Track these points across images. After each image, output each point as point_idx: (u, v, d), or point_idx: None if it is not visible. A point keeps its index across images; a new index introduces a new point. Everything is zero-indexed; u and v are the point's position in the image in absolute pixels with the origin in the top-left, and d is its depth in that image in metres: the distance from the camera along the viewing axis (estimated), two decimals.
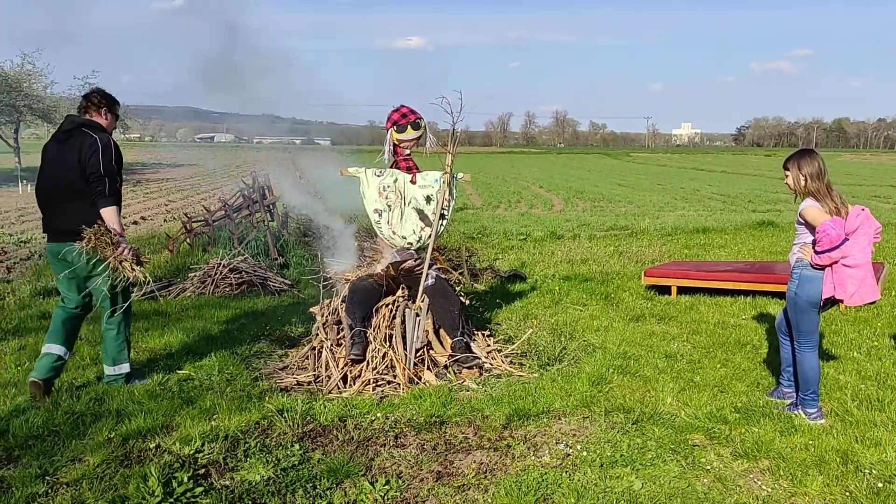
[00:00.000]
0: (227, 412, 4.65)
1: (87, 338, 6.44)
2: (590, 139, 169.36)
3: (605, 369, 5.50)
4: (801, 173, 4.56)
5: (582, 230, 14.79)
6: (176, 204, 20.18)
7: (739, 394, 5.07)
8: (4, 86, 30.90)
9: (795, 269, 4.65)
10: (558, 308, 7.71)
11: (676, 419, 4.59)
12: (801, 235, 4.65)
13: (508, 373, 5.56)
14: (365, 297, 5.74)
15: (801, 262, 4.60)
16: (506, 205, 22.42)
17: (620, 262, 10.79)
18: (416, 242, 6.12)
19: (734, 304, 7.89)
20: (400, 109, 6.20)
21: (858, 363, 5.78)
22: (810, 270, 4.54)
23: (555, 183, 34.32)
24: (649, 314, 7.45)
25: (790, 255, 4.76)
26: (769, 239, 13.24)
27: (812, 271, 4.53)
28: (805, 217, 4.54)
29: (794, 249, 4.71)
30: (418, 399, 4.92)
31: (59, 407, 4.74)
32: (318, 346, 5.73)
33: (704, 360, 5.89)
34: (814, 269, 4.51)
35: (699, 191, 29.28)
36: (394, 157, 6.24)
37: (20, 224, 15.05)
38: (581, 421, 4.58)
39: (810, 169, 4.53)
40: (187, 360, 5.78)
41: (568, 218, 17.71)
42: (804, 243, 4.60)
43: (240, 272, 8.77)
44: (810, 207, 4.50)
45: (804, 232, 4.62)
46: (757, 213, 18.75)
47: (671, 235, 13.95)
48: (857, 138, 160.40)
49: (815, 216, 4.46)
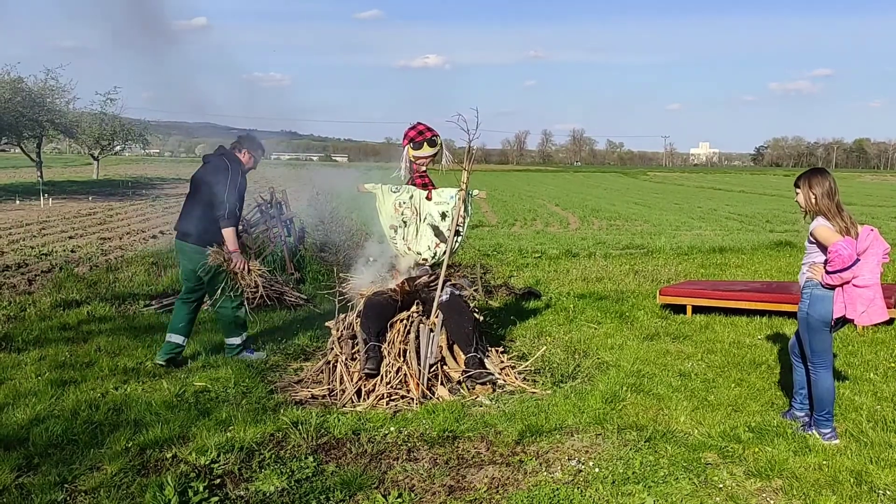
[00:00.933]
0: (243, 424, 4.70)
1: (106, 349, 6.53)
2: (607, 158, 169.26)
3: (618, 387, 5.51)
4: (812, 192, 4.57)
5: (598, 248, 14.78)
6: None
7: (753, 413, 5.06)
8: (28, 101, 31.43)
9: (806, 288, 4.66)
10: (573, 326, 7.72)
11: (690, 437, 4.58)
12: (811, 254, 4.65)
13: (521, 389, 5.58)
14: (380, 312, 5.80)
15: (812, 282, 4.60)
16: (521, 222, 22.45)
17: (636, 280, 10.78)
18: (431, 258, 6.17)
19: (750, 324, 7.87)
20: (416, 126, 6.29)
21: (875, 384, 5.74)
22: (821, 290, 4.54)
23: (571, 201, 34.33)
24: (664, 333, 7.45)
25: (800, 274, 4.77)
26: (786, 259, 13.16)
27: (822, 290, 4.53)
28: (816, 236, 4.55)
29: (803, 269, 4.72)
30: (431, 414, 4.95)
31: (78, 416, 4.82)
32: (333, 360, 5.78)
33: (719, 379, 5.87)
34: (824, 288, 4.51)
35: (716, 210, 29.15)
36: (410, 173, 6.31)
37: (41, 237, 15.28)
38: (594, 438, 4.59)
39: (821, 188, 4.54)
40: (204, 373, 5.85)
41: (584, 236, 17.70)
42: (814, 262, 4.60)
43: (256, 286, 8.83)
44: (821, 227, 4.51)
45: (814, 251, 4.63)
46: (775, 234, 18.64)
47: (687, 255, 13.91)
48: (878, 159, 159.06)
49: (827, 236, 4.46)
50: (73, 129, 37.52)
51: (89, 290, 9.22)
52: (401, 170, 6.38)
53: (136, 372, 5.89)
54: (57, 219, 19.40)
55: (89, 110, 41.76)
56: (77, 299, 8.65)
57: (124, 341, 6.80)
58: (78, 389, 5.39)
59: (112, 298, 8.75)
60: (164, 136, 52.57)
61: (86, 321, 7.63)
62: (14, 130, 32.45)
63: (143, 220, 20.17)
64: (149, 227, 18.05)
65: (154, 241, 15.04)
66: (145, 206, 25.19)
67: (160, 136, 48.75)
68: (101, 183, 40.39)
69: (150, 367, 6.01)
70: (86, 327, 7.37)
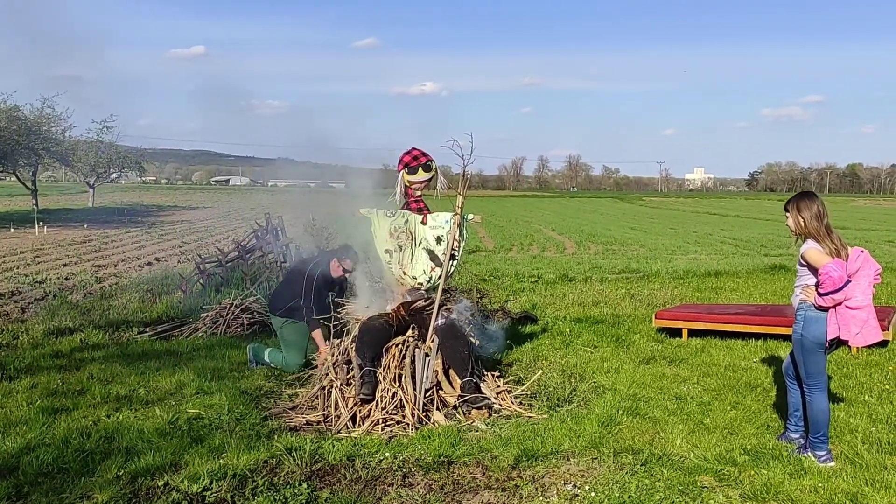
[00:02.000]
0: (236, 451, 4.66)
1: (99, 376, 6.49)
2: (603, 183, 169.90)
3: (614, 411, 5.48)
4: (801, 215, 4.60)
5: (594, 273, 14.79)
6: (190, 245, 20.38)
7: (749, 436, 5.04)
8: (24, 129, 31.52)
9: (799, 310, 4.67)
10: (569, 350, 7.70)
11: (686, 461, 4.56)
12: (803, 277, 4.68)
13: (518, 413, 5.56)
14: (375, 336, 5.78)
15: (805, 304, 4.62)
16: (518, 247, 22.47)
17: (632, 304, 10.78)
18: (427, 283, 6.17)
19: (745, 347, 7.86)
20: (411, 152, 6.33)
21: (870, 406, 5.73)
22: (814, 311, 4.56)
23: (567, 226, 34.40)
24: (660, 356, 7.43)
25: (793, 297, 4.79)
26: (780, 282, 13.19)
27: (816, 312, 4.55)
28: (807, 259, 4.57)
29: (796, 291, 4.74)
30: (427, 439, 4.91)
31: (70, 444, 4.77)
32: (328, 385, 5.75)
33: (715, 402, 5.85)
34: (817, 310, 4.53)
35: (711, 235, 29.23)
36: (405, 198, 6.33)
37: (35, 265, 15.25)
38: (590, 462, 4.56)
39: (809, 211, 4.58)
40: (198, 399, 5.82)
41: (580, 261, 17.72)
42: (806, 285, 4.63)
43: (251, 312, 8.83)
44: (811, 249, 4.54)
45: (806, 274, 4.65)
46: (769, 258, 18.69)
47: (683, 278, 13.92)
48: (871, 183, 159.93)
49: (817, 258, 4.49)
50: (68, 157, 37.57)
51: (83, 318, 9.18)
52: (396, 195, 6.41)
53: (129, 399, 5.85)
54: (51, 246, 19.37)
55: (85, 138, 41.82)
56: (70, 327, 8.61)
57: (117, 369, 6.75)
58: (69, 417, 5.35)
59: (106, 326, 8.71)
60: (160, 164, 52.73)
61: (79, 348, 7.59)
62: (10, 159, 32.48)
63: (138, 247, 20.15)
64: (144, 254, 18.02)
65: (149, 267, 15.01)
66: (141, 233, 25.16)
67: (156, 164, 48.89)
68: (96, 210, 40.35)
69: (142, 395, 5.97)
70: (78, 355, 7.33)
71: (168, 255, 17.57)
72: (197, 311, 9.32)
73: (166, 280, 12.11)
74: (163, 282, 11.95)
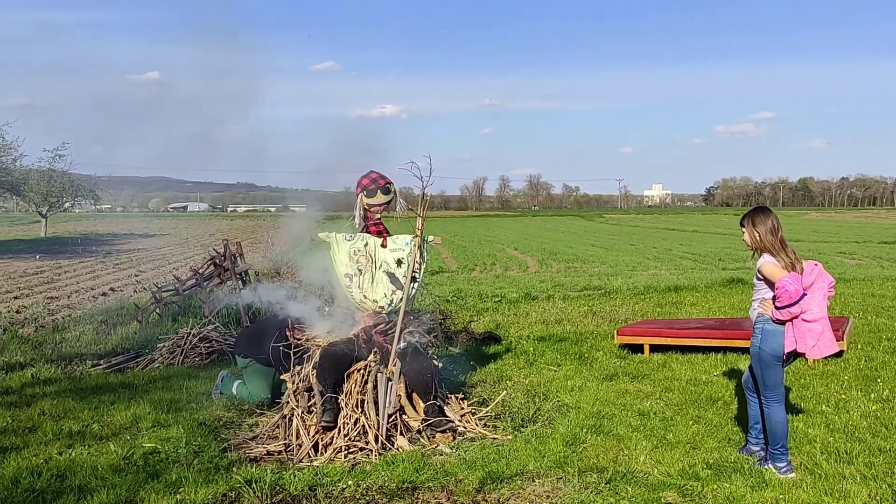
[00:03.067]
0: (194, 485, 4.54)
1: (51, 412, 6.28)
2: (563, 201, 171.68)
3: (578, 429, 5.48)
4: (756, 230, 4.68)
5: (556, 291, 14.87)
6: (147, 274, 19.98)
7: (711, 450, 5.07)
8: None
9: (757, 323, 4.74)
10: (532, 369, 7.70)
11: (650, 477, 4.56)
12: (760, 291, 4.75)
13: (482, 435, 5.52)
14: (336, 362, 5.70)
15: (763, 317, 4.69)
16: (481, 267, 22.52)
17: (594, 321, 10.85)
18: (388, 306, 6.12)
19: (706, 361, 7.94)
20: (370, 175, 6.30)
21: (827, 416, 5.82)
22: (771, 325, 4.63)
23: (529, 245, 34.62)
24: (623, 373, 7.47)
25: (751, 310, 4.86)
26: (738, 296, 13.41)
27: (773, 325, 4.61)
28: (763, 273, 4.65)
29: (754, 305, 4.81)
30: (391, 465, 4.84)
31: (19, 485, 4.60)
32: (289, 413, 5.65)
33: (677, 417, 5.89)
34: (775, 323, 4.60)
35: (671, 250, 29.69)
36: (364, 221, 6.29)
37: None
38: (555, 482, 4.54)
39: (764, 226, 4.66)
40: (154, 433, 5.66)
41: (542, 279, 17.81)
42: (764, 298, 4.70)
43: (210, 341, 8.67)
44: (767, 263, 4.61)
45: (763, 287, 4.73)
46: (727, 271, 19.02)
47: (644, 294, 14.07)
48: (822, 197, 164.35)
49: (773, 272, 4.56)
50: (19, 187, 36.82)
51: (34, 352, 8.90)
52: (355, 218, 6.37)
53: (82, 435, 5.66)
54: (2, 279, 18.83)
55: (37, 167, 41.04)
56: (21, 362, 8.34)
57: (70, 404, 6.54)
58: (19, 456, 5.15)
59: (58, 359, 8.45)
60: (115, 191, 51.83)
61: (30, 384, 7.35)
62: None
63: (92, 277, 19.70)
64: (98, 284, 17.62)
65: (104, 298, 14.66)
66: (95, 262, 24.62)
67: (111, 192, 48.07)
68: (48, 241, 39.46)
69: (96, 430, 5.79)
70: (29, 390, 7.09)
71: (124, 285, 17.19)
72: (153, 342, 9.12)
73: (121, 310, 11.83)
74: (118, 312, 11.67)
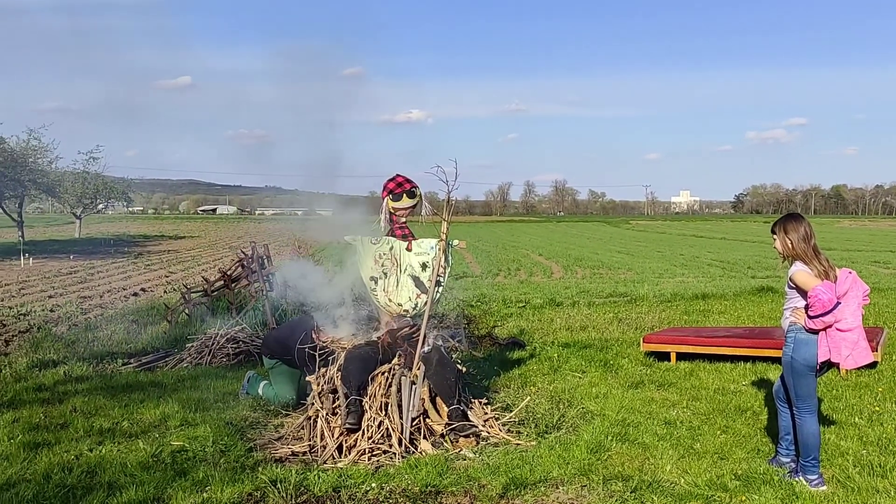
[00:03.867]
0: (220, 484, 4.58)
1: (82, 409, 6.39)
2: (589, 207, 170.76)
3: (603, 437, 5.44)
4: (788, 237, 4.61)
5: (581, 297, 14.79)
6: (176, 275, 20.26)
7: (740, 461, 5.00)
8: (10, 161, 31.44)
9: (789, 333, 4.66)
10: (557, 375, 7.66)
11: (676, 487, 4.51)
12: (792, 299, 4.68)
13: (506, 441, 5.50)
14: (361, 365, 5.73)
15: (795, 326, 4.62)
16: (505, 272, 22.47)
17: (620, 328, 10.77)
18: (413, 309, 6.13)
19: (734, 370, 7.84)
20: (396, 178, 6.32)
21: (860, 428, 5.71)
22: (804, 334, 4.55)
23: (554, 251, 34.48)
24: (648, 381, 7.40)
25: (782, 319, 4.78)
26: (768, 304, 13.22)
27: (806, 334, 4.54)
28: (795, 281, 4.58)
29: (785, 314, 4.74)
30: (414, 468, 4.85)
31: (51, 480, 4.68)
32: (314, 415, 5.68)
33: (704, 426, 5.82)
34: (807, 332, 4.52)
35: (698, 257, 29.37)
36: (389, 224, 6.32)
37: (20, 297, 15.10)
38: (579, 490, 4.51)
39: (796, 233, 4.59)
40: (182, 431, 5.73)
41: (567, 285, 17.72)
42: (796, 307, 4.63)
43: (237, 342, 8.75)
44: (800, 271, 4.54)
45: (795, 296, 4.65)
46: (756, 279, 18.76)
47: (670, 302, 13.94)
48: (856, 205, 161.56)
49: (806, 280, 4.49)
50: (55, 189, 37.53)
51: (67, 350, 9.06)
52: (380, 221, 6.39)
53: (112, 432, 5.75)
54: (37, 278, 19.20)
55: (72, 169, 41.85)
56: (54, 359, 8.50)
57: (101, 401, 6.65)
58: (51, 452, 5.25)
59: (90, 357, 8.60)
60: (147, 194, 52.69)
61: (62, 381, 7.48)
62: None
63: (124, 277, 20.01)
64: (130, 284, 17.89)
65: (135, 298, 14.88)
66: (127, 263, 25.02)
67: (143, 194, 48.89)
68: (82, 241, 40.17)
69: (126, 427, 5.87)
70: (62, 388, 7.21)
71: (154, 286, 17.44)
72: (182, 342, 9.23)
73: (152, 310, 12.01)
74: (148, 312, 11.85)
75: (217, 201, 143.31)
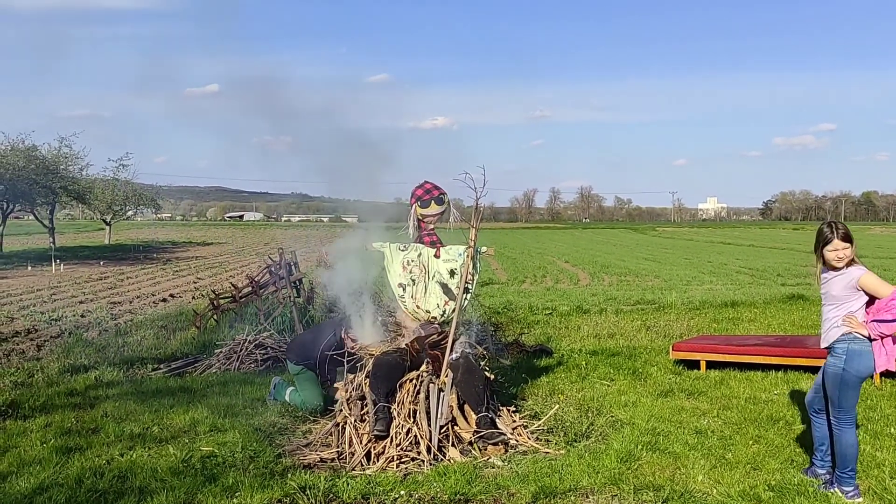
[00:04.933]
0: (250, 490, 4.60)
1: (113, 414, 6.46)
2: (615, 214, 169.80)
3: (633, 445, 5.38)
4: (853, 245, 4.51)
5: (608, 304, 14.68)
6: (204, 281, 20.46)
7: (773, 471, 4.91)
8: (42, 168, 32.00)
9: (840, 343, 4.49)
10: (585, 383, 7.60)
11: (708, 497, 4.45)
12: (843, 305, 4.48)
13: (534, 449, 5.46)
14: (389, 371, 5.73)
15: (848, 336, 4.45)
16: (531, 279, 22.39)
17: (648, 336, 10.67)
18: (441, 316, 6.13)
19: (765, 379, 7.72)
20: (424, 185, 6.33)
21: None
22: (858, 344, 4.41)
23: (581, 257, 34.29)
24: (678, 389, 7.31)
25: (825, 328, 4.61)
26: (799, 312, 13.02)
27: (860, 345, 4.40)
28: (865, 286, 4.40)
29: (829, 322, 4.56)
30: (442, 476, 4.83)
31: (83, 484, 4.73)
32: (342, 421, 5.69)
33: (736, 436, 5.73)
34: (861, 341, 4.38)
35: (727, 265, 29.02)
36: (417, 231, 6.32)
37: (52, 302, 15.34)
38: (609, 499, 4.46)
39: None
40: (211, 437, 5.76)
41: (594, 292, 17.60)
42: (850, 313, 4.45)
43: (265, 348, 8.81)
44: (868, 274, 4.41)
45: (844, 301, 4.47)
46: (786, 287, 18.48)
47: (699, 309, 13.78)
48: (887, 211, 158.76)
49: (878, 285, 4.35)
50: (85, 196, 38.11)
51: (97, 355, 9.18)
52: (408, 228, 6.40)
53: (143, 437, 5.81)
54: (68, 284, 19.50)
55: (102, 176, 42.50)
56: (85, 364, 8.61)
57: (131, 406, 6.72)
58: (83, 456, 5.31)
59: (120, 363, 8.71)
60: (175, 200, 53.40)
61: (93, 386, 7.57)
62: (27, 198, 32.98)
63: (153, 283, 20.24)
64: (159, 290, 18.10)
65: (164, 304, 15.05)
66: (156, 269, 25.32)
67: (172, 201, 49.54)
68: (112, 248, 40.77)
69: (156, 432, 5.93)
70: (93, 392, 7.31)
71: (183, 291, 17.63)
72: (211, 347, 9.31)
73: (180, 316, 12.14)
74: (177, 318, 11.97)
75: (244, 208, 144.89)
